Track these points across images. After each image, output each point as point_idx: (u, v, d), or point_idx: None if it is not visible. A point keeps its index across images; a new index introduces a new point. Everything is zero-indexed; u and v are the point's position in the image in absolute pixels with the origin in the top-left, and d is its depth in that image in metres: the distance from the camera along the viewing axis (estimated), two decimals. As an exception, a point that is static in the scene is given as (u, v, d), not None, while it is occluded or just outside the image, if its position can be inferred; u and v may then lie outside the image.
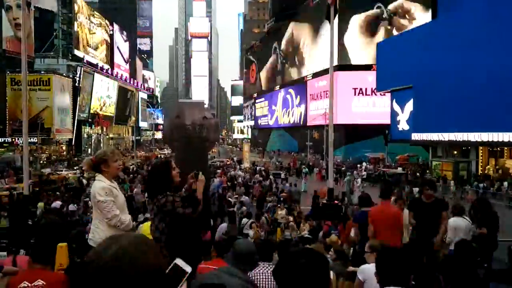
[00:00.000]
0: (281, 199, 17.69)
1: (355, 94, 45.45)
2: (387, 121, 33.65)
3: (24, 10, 11.90)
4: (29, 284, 2.72)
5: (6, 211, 13.09)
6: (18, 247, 6.43)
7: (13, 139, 44.52)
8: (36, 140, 39.93)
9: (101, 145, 66.36)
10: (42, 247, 2.96)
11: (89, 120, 60.05)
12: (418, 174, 26.78)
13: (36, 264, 2.87)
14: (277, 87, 69.24)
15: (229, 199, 16.55)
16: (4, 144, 45.53)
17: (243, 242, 3.73)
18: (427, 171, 28.26)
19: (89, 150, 59.80)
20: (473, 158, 26.52)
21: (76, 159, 45.57)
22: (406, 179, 25.42)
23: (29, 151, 14.02)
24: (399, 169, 28.42)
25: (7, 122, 45.19)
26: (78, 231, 6.53)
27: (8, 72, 44.77)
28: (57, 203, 15.13)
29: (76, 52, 58.59)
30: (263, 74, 78.70)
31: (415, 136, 28.32)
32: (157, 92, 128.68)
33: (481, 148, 26.11)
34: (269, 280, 3.45)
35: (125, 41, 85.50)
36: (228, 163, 37.59)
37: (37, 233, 3.60)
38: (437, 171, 27.05)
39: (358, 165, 33.28)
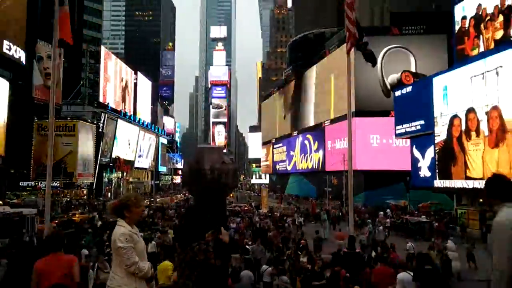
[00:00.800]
0: (300, 245, 17.24)
1: (373, 140, 45.23)
2: (408, 167, 33.10)
3: (55, 61, 12.59)
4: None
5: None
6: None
7: (36, 183, 45.53)
8: (59, 184, 40.72)
9: (121, 189, 67.07)
10: None
11: (111, 164, 61.22)
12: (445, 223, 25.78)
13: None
14: (295, 133, 69.71)
15: (246, 246, 16.21)
16: (27, 188, 46.55)
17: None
18: (446, 220, 27.24)
19: (109, 194, 60.47)
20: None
21: (96, 202, 46.03)
22: (430, 228, 24.49)
23: (50, 195, 14.26)
24: (423, 217, 27.51)
25: (31, 166, 46.49)
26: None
27: (36, 119, 46.66)
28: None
29: (101, 99, 60.99)
30: (281, 120, 79.65)
31: (438, 183, 27.67)
32: (177, 137, 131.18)
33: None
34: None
35: (148, 88, 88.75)
36: (246, 208, 37.20)
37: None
38: (462, 220, 26.06)
39: (381, 212, 32.48)
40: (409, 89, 32.46)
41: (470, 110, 24.47)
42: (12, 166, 43.06)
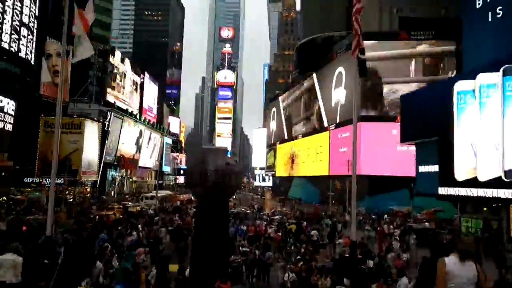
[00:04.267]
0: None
1: (378, 145, 45.02)
2: (412, 173, 32.87)
3: (64, 58, 12.69)
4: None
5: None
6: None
7: (41, 180, 45.77)
8: (63, 181, 40.91)
9: (124, 188, 67.31)
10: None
11: (115, 163, 61.44)
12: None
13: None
14: (300, 136, 69.59)
15: (244, 249, 16.22)
16: (32, 184, 46.82)
17: None
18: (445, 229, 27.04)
19: (112, 192, 60.71)
20: (504, 215, 25.32)
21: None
22: (433, 235, 24.33)
23: (55, 192, 14.35)
24: (427, 224, 27.32)
25: (36, 163, 46.74)
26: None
27: (42, 115, 46.95)
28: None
29: (108, 97, 61.30)
30: (285, 123, 79.54)
31: (442, 191, 27.44)
32: (182, 137, 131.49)
33: (513, 205, 24.97)
34: None
35: (154, 88, 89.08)
36: (248, 211, 37.09)
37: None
38: (465, 227, 25.84)
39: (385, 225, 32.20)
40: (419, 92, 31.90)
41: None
42: (17, 162, 43.32)
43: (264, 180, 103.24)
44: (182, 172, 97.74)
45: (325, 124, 58.15)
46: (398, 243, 18.97)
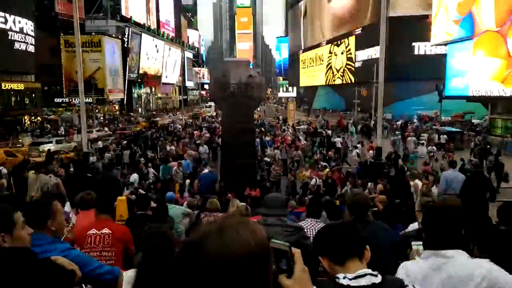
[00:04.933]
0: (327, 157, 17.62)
1: (407, 45, 42.75)
2: (442, 75, 31.65)
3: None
4: (97, 232, 2.99)
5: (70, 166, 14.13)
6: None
7: (70, 99, 47.04)
8: (91, 100, 41.91)
9: (151, 104, 68.62)
10: (106, 199, 3.21)
11: (139, 80, 61.83)
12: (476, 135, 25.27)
13: (102, 215, 3.12)
14: (324, 43, 66.79)
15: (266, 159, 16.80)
16: (62, 104, 48.31)
17: (271, 194, 4.05)
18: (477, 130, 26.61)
19: (140, 109, 62.11)
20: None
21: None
22: (461, 138, 24.14)
23: (85, 111, 14.86)
24: (453, 128, 27.02)
25: (63, 83, 47.62)
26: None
27: (61, 34, 46.49)
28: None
29: (123, 12, 59.47)
30: (309, 29, 75.97)
31: (473, 92, 26.52)
32: (202, 51, 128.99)
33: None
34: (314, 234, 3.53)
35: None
36: (274, 123, 37.47)
37: (97, 187, 3.87)
38: (496, 129, 25.44)
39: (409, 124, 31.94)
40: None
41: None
42: (44, 83, 44.23)
43: (287, 90, 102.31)
44: (205, 86, 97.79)
45: (351, 28, 55.17)
46: (424, 147, 18.93)
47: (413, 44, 42.71)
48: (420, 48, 42.55)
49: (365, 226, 2.89)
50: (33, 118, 41.03)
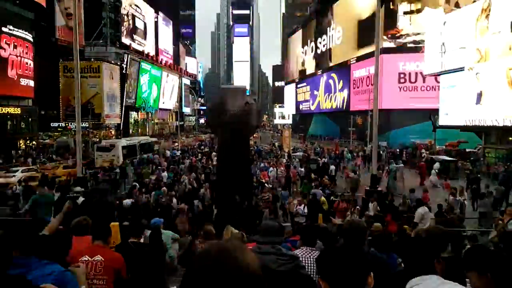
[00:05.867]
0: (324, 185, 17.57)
1: (401, 78, 43.70)
2: (436, 105, 32.13)
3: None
4: (89, 259, 2.95)
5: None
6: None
7: (67, 124, 47.08)
8: (88, 125, 41.96)
9: (147, 129, 68.74)
10: (101, 225, 3.18)
11: (136, 105, 62.22)
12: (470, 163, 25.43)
13: (97, 241, 3.09)
14: (320, 72, 68.00)
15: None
16: (59, 129, 48.28)
17: (267, 221, 3.90)
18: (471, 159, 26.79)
19: (136, 134, 62.12)
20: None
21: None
22: (455, 167, 24.27)
23: (81, 136, 14.83)
24: (446, 157, 27.18)
25: (60, 108, 47.79)
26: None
27: (61, 60, 47.06)
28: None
29: (123, 39, 60.50)
30: (305, 59, 77.48)
31: (466, 122, 26.89)
32: (200, 78, 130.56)
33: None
34: (310, 263, 3.48)
35: (169, 28, 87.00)
36: (267, 148, 37.54)
37: (93, 212, 3.84)
38: (489, 158, 25.64)
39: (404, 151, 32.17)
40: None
41: None
42: (42, 107, 44.32)
43: (283, 117, 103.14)
44: (202, 113, 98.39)
45: (346, 58, 56.34)
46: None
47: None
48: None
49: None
50: (28, 142, 40.89)
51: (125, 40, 61.17)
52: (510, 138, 26.37)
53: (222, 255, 0.91)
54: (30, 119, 41.39)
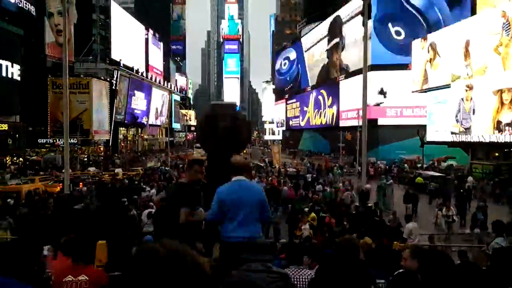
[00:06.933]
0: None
1: (388, 94, 44.31)
2: (424, 121, 32.65)
3: (66, 16, 12.44)
4: (73, 279, 2.88)
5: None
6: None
7: (54, 140, 46.51)
8: (76, 141, 41.52)
9: (136, 146, 68.31)
10: (82, 248, 3.09)
11: (125, 121, 61.88)
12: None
13: (78, 262, 3.01)
14: (309, 88, 68.72)
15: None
16: (46, 145, 47.65)
17: (259, 238, 3.79)
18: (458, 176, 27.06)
19: (125, 151, 61.65)
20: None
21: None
22: (444, 182, 24.41)
23: (69, 152, 14.69)
24: (435, 173, 27.42)
25: (48, 124, 47.29)
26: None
27: (49, 76, 46.83)
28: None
29: (113, 56, 60.57)
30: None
31: (453, 138, 27.33)
32: (190, 94, 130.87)
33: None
34: (301, 282, 3.46)
35: (159, 45, 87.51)
36: (260, 164, 37.46)
37: (76, 232, 3.76)
38: (477, 174, 25.95)
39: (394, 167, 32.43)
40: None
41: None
42: (29, 123, 43.83)
43: (273, 133, 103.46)
44: (192, 128, 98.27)
45: (335, 75, 57.11)
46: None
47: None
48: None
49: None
50: (14, 159, 40.23)
51: (115, 56, 61.24)
52: (497, 154, 26.83)
53: (171, 254, 0.90)
54: (17, 135, 40.85)
